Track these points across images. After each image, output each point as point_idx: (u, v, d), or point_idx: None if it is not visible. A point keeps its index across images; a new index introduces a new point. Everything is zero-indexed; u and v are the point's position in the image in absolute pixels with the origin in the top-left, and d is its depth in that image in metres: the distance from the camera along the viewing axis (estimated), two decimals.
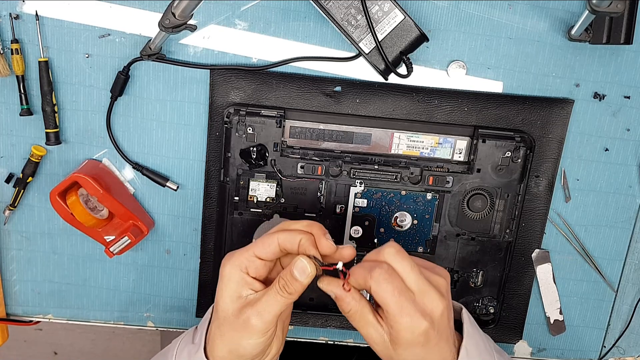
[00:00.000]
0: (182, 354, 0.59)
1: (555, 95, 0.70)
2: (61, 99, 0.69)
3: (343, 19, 0.65)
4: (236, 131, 0.69)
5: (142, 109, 0.70)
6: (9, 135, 0.70)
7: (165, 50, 0.68)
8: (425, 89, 0.69)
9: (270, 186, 0.71)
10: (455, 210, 0.72)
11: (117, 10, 0.67)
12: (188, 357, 0.59)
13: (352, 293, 0.54)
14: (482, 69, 0.69)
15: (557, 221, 0.75)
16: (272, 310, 0.54)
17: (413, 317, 0.52)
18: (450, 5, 0.68)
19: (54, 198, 0.68)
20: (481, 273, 0.75)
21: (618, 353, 0.81)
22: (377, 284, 0.52)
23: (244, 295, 0.55)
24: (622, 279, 0.78)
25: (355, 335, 0.78)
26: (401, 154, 0.71)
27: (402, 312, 0.52)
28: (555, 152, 0.71)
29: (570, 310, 0.78)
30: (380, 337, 0.54)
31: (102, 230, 0.71)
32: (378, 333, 0.54)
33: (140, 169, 0.71)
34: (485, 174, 0.71)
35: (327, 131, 0.70)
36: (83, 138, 0.71)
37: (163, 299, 0.77)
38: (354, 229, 0.73)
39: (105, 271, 0.76)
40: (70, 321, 0.78)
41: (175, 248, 0.75)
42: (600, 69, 0.70)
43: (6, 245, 0.75)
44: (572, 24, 0.68)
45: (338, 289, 0.54)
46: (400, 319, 0.52)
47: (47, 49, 0.67)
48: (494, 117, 0.70)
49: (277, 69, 0.69)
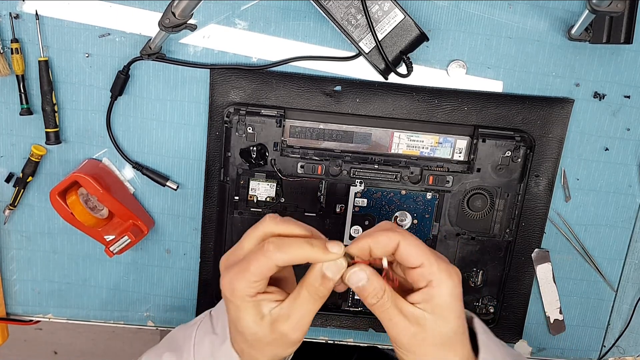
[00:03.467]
0: (203, 343, 0.56)
1: (555, 95, 0.71)
2: (61, 99, 0.69)
3: (343, 19, 0.65)
4: (236, 131, 0.69)
5: (142, 108, 0.70)
6: (9, 134, 0.70)
7: (165, 50, 0.68)
8: (425, 89, 0.69)
9: (270, 186, 0.71)
10: (455, 209, 0.72)
11: (117, 9, 0.67)
12: (211, 348, 0.55)
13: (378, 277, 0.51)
14: (482, 68, 0.69)
15: (557, 221, 0.75)
16: (309, 320, 0.52)
17: (447, 262, 0.51)
18: (450, 5, 0.68)
19: (54, 197, 0.68)
20: (481, 272, 0.75)
21: (618, 352, 0.81)
22: (405, 236, 0.50)
23: (267, 312, 0.51)
24: (622, 279, 0.78)
25: (355, 335, 0.78)
26: (401, 154, 0.71)
27: (438, 258, 0.51)
28: (555, 151, 0.71)
29: (570, 309, 0.78)
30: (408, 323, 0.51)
31: (102, 230, 0.71)
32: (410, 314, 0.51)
33: (140, 168, 0.71)
34: (485, 174, 0.71)
35: (327, 131, 0.70)
36: (83, 137, 0.71)
37: (163, 298, 0.77)
38: (354, 229, 0.73)
39: (105, 271, 0.76)
40: (70, 321, 0.78)
41: (175, 248, 0.75)
42: (600, 68, 0.70)
43: (6, 245, 0.75)
44: (572, 23, 0.68)
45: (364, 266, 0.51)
46: (439, 266, 0.50)
47: (47, 48, 0.67)
48: (494, 117, 0.70)
49: (277, 68, 0.69)
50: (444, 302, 0.51)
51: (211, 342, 0.55)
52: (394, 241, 0.51)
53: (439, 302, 0.51)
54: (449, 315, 0.51)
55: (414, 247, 0.50)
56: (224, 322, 0.55)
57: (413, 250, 0.50)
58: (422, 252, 0.50)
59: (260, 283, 0.50)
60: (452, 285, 0.51)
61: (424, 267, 0.50)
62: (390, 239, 0.50)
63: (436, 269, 0.50)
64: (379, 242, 0.51)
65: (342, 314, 0.76)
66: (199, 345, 0.56)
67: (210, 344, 0.55)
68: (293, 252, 0.49)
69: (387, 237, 0.51)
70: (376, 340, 0.79)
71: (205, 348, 0.56)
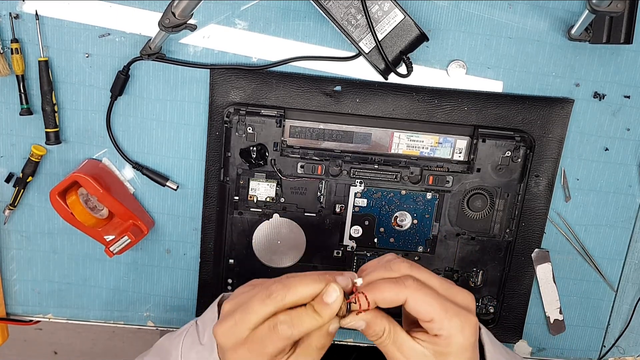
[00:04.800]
0: (190, 354, 0.56)
1: (555, 95, 0.70)
2: (61, 99, 0.69)
3: (343, 19, 0.65)
4: (236, 131, 0.69)
5: (142, 108, 0.70)
6: (9, 134, 0.70)
7: (165, 50, 0.68)
8: (425, 89, 0.69)
9: (270, 186, 0.71)
10: (455, 209, 0.72)
11: (117, 9, 0.67)
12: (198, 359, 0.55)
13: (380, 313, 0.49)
14: (482, 68, 0.69)
15: (557, 221, 0.75)
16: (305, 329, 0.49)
17: (460, 316, 0.48)
18: (450, 5, 0.68)
19: (54, 197, 0.68)
20: (481, 273, 0.75)
21: (618, 353, 0.81)
22: (415, 291, 0.48)
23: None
24: (622, 279, 0.78)
25: (355, 335, 0.78)
26: (401, 154, 0.71)
27: (449, 314, 0.48)
28: (555, 151, 0.71)
29: (570, 310, 0.78)
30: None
31: (102, 230, 0.71)
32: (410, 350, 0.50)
33: (140, 168, 0.71)
34: (485, 174, 0.71)
35: (327, 131, 0.70)
36: (83, 138, 0.71)
37: (163, 298, 0.77)
38: (354, 229, 0.73)
39: (105, 271, 0.76)
40: (70, 321, 0.78)
41: (175, 248, 0.75)
42: (600, 68, 0.70)
43: (6, 245, 0.75)
44: (572, 23, 0.68)
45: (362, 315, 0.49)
46: (450, 322, 0.48)
47: (47, 48, 0.67)
48: (494, 117, 0.70)
49: (277, 68, 0.69)
50: (451, 352, 0.49)
51: (198, 352, 0.55)
52: (401, 297, 0.48)
53: (446, 352, 0.49)
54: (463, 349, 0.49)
55: (422, 303, 0.48)
56: (210, 333, 0.55)
57: (422, 307, 0.48)
58: (432, 308, 0.48)
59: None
60: (463, 340, 0.49)
61: (434, 323, 0.48)
62: (398, 295, 0.48)
63: (447, 325, 0.48)
64: (385, 299, 0.48)
65: None
66: (186, 356, 0.56)
67: (196, 354, 0.55)
68: (306, 326, 0.48)
69: (394, 293, 0.48)
70: None
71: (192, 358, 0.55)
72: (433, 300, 0.48)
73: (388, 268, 0.50)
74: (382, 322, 0.49)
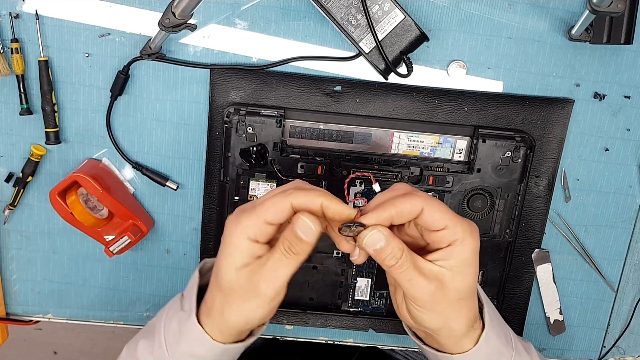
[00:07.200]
0: (172, 323, 0.56)
1: (555, 95, 0.70)
2: (61, 99, 0.69)
3: (343, 19, 0.65)
4: (236, 131, 0.69)
5: (142, 108, 0.70)
6: (8, 134, 0.70)
7: (165, 50, 0.68)
8: (426, 89, 0.69)
9: (270, 186, 0.71)
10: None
11: (117, 9, 0.67)
12: (179, 325, 0.55)
13: (395, 238, 0.50)
14: (482, 68, 0.69)
15: (557, 221, 0.75)
16: (282, 276, 0.50)
17: (465, 220, 0.52)
18: (451, 5, 0.67)
19: (54, 197, 0.68)
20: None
21: (618, 353, 0.81)
22: (428, 200, 0.50)
23: (250, 263, 0.51)
24: (622, 279, 0.77)
25: (355, 335, 0.78)
26: (401, 154, 0.71)
27: (459, 218, 0.51)
28: (555, 152, 0.71)
29: (570, 310, 0.78)
30: (427, 281, 0.51)
31: (102, 230, 0.71)
32: (429, 271, 0.51)
33: (140, 168, 0.71)
34: (485, 174, 0.71)
35: (327, 131, 0.70)
36: (83, 137, 0.71)
37: (163, 298, 0.77)
38: None
39: (105, 271, 0.76)
40: (70, 321, 0.78)
41: (175, 248, 0.75)
42: (600, 68, 0.70)
43: (6, 245, 0.75)
44: (572, 23, 0.68)
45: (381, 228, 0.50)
46: (462, 226, 0.51)
47: (47, 48, 0.67)
48: (494, 117, 0.70)
49: (277, 68, 0.69)
50: (466, 258, 0.51)
51: (179, 319, 0.55)
52: (417, 208, 0.50)
53: (461, 259, 0.51)
54: (468, 271, 0.52)
55: (437, 212, 0.51)
56: (191, 300, 0.55)
57: (437, 215, 0.50)
58: (446, 215, 0.51)
59: (267, 228, 0.50)
60: (475, 243, 0.52)
61: (448, 229, 0.51)
62: (414, 205, 0.50)
63: (460, 230, 0.51)
64: (403, 212, 0.50)
65: (342, 314, 0.76)
66: (168, 325, 0.56)
67: (177, 321, 0.55)
68: (311, 193, 0.50)
69: (410, 204, 0.50)
70: (376, 341, 0.79)
71: (173, 326, 0.55)
72: (444, 207, 0.51)
73: (392, 190, 0.53)
74: (398, 241, 0.50)
